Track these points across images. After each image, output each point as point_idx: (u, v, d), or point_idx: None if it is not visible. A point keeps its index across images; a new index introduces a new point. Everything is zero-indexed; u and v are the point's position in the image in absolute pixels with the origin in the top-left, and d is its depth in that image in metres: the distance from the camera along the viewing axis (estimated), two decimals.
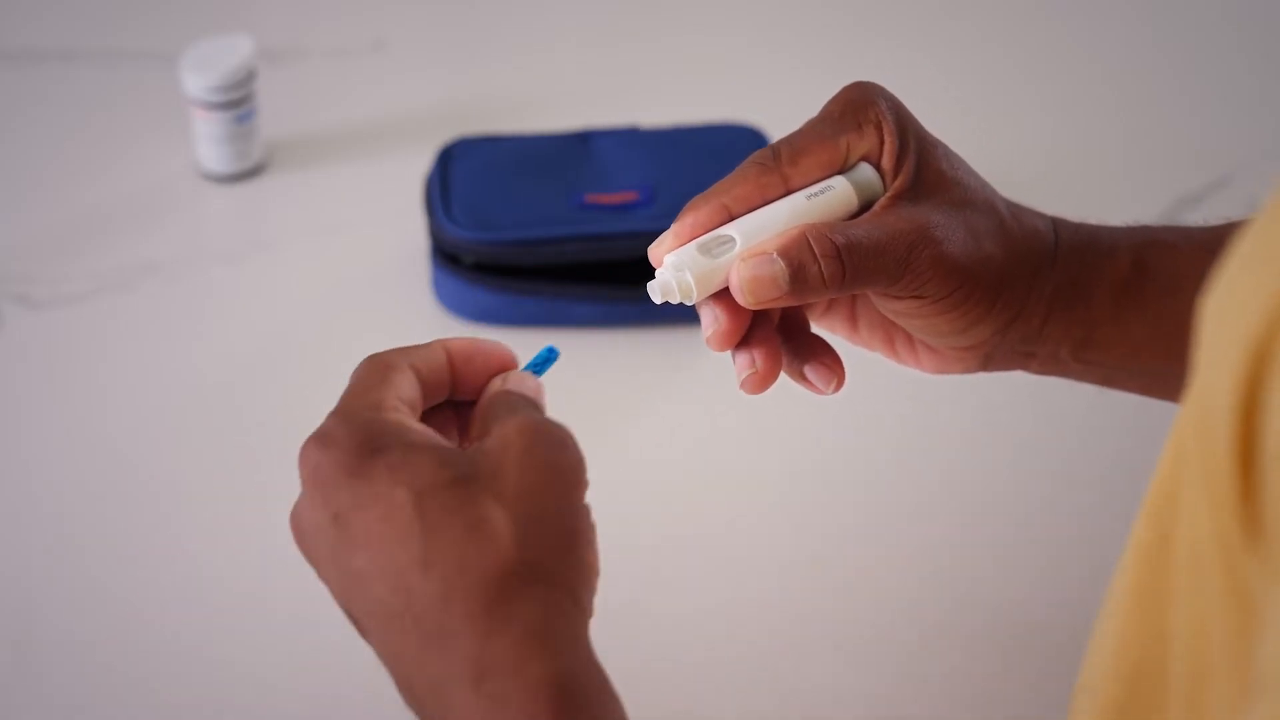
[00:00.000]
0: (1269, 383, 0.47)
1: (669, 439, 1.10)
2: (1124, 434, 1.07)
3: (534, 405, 0.68)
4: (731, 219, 0.74)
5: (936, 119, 1.39)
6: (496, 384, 0.70)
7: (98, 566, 1.02)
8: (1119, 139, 1.38)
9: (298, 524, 0.66)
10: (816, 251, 0.73)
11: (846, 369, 0.82)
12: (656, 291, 0.73)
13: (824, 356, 0.77)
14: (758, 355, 0.75)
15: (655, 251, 0.74)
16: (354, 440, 0.64)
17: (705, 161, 1.24)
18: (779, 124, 1.29)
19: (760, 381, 0.76)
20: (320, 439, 0.65)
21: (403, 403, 0.67)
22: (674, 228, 0.74)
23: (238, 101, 1.29)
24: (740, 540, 1.03)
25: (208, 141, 1.30)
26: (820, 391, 0.77)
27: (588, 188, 1.22)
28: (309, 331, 1.19)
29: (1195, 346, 0.52)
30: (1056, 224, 0.80)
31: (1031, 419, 1.10)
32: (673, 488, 1.07)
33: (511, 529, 0.62)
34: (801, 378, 0.78)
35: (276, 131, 1.35)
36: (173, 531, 1.04)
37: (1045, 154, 1.37)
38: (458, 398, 0.71)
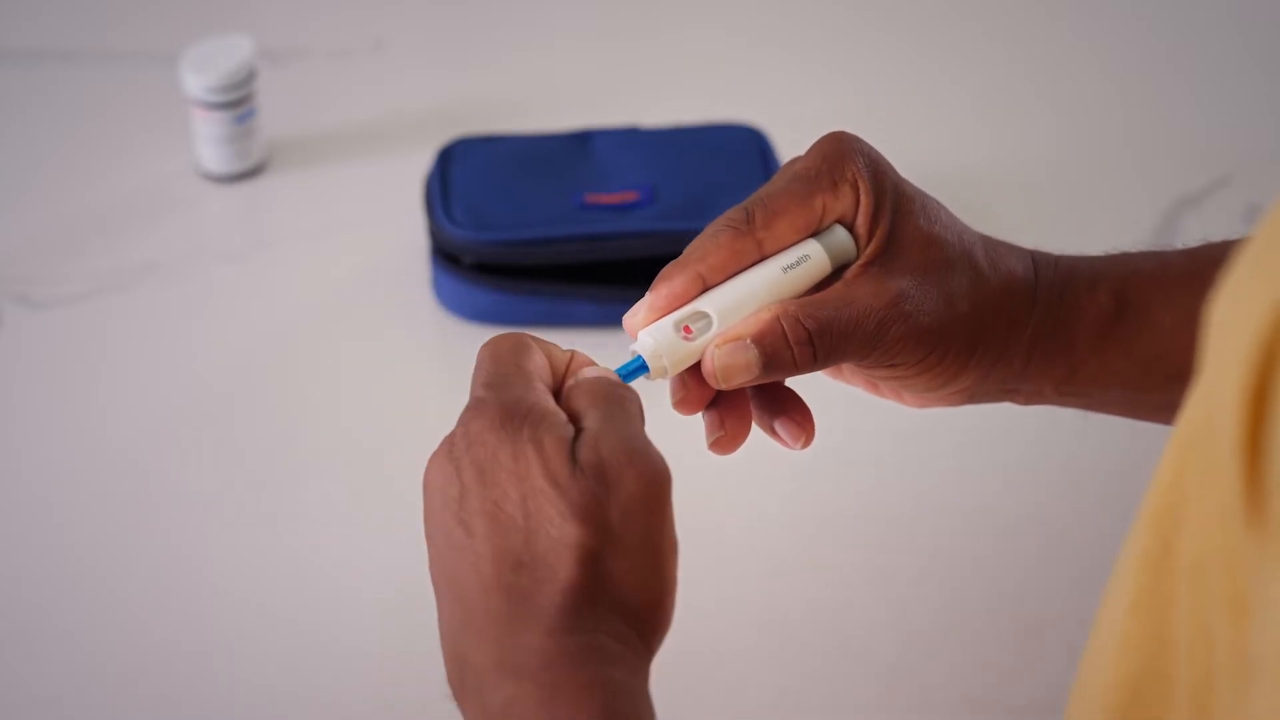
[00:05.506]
0: (1278, 380, 0.47)
1: (666, 439, 1.10)
2: (1120, 438, 1.07)
3: (628, 405, 0.69)
4: (707, 288, 0.74)
5: (936, 119, 1.40)
6: (588, 371, 0.70)
7: (97, 567, 1.02)
8: (1119, 139, 1.38)
9: (429, 475, 0.67)
10: (790, 338, 0.73)
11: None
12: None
13: (794, 412, 0.77)
14: (726, 418, 0.76)
15: (630, 321, 0.74)
16: (500, 409, 0.66)
17: (705, 161, 1.24)
18: (779, 124, 1.29)
19: (729, 443, 0.76)
20: (474, 406, 0.66)
21: (540, 380, 0.68)
22: (649, 299, 0.74)
23: (238, 101, 1.29)
24: (735, 541, 1.03)
25: (208, 141, 1.30)
26: (789, 447, 0.77)
27: (588, 188, 1.21)
28: (309, 331, 1.19)
29: (1201, 352, 0.52)
30: (1036, 261, 0.79)
31: (1026, 422, 1.10)
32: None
33: (615, 571, 0.64)
34: (772, 432, 0.77)
35: (276, 131, 1.35)
36: (173, 531, 1.04)
37: (1046, 154, 1.37)
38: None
